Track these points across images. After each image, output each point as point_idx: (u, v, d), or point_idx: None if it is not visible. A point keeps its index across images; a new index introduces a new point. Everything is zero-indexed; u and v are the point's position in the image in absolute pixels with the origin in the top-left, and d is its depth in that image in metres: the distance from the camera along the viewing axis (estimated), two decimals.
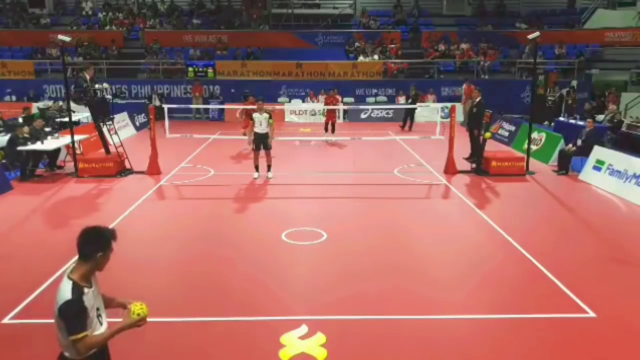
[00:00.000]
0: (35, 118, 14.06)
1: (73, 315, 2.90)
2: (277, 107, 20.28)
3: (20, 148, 11.30)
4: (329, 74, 23.43)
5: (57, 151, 12.12)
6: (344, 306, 5.73)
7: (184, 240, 7.86)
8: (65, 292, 2.91)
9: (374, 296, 5.99)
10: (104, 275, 2.93)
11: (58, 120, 15.94)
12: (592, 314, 5.52)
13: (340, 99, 19.81)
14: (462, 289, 6.20)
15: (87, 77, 12.13)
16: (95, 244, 3.03)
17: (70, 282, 2.95)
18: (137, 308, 3.11)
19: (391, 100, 22.81)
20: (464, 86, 21.12)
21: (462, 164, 12.57)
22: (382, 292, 6.08)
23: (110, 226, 8.26)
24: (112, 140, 12.26)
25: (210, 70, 23.50)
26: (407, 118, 19.48)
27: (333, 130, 16.95)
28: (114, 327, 3.11)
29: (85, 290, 2.98)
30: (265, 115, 11.26)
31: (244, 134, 14.67)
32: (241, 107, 16.18)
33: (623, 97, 19.91)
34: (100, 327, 3.09)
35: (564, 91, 19.50)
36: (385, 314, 5.57)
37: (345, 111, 21.36)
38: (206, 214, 9.19)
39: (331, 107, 16.94)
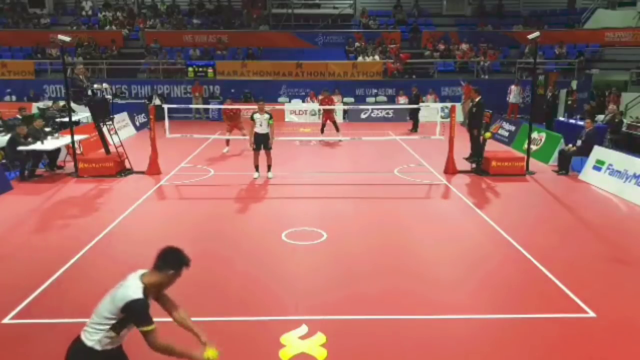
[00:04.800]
0: (35, 118, 14.06)
1: (144, 310, 3.19)
2: (277, 107, 20.29)
3: (20, 148, 11.30)
4: (329, 74, 23.42)
5: (57, 151, 12.13)
6: (344, 306, 5.73)
7: (184, 240, 7.82)
8: (136, 291, 3.19)
9: (374, 296, 5.99)
10: (104, 276, 2.93)
11: (58, 120, 15.94)
12: (592, 314, 5.52)
13: (335, 99, 19.74)
14: (462, 288, 6.21)
15: (81, 75, 12.12)
16: (172, 262, 3.36)
17: (142, 285, 3.24)
18: (210, 353, 3.36)
19: (391, 100, 22.81)
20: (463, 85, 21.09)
21: (462, 164, 12.58)
22: (382, 292, 6.08)
23: (111, 226, 8.22)
24: (112, 140, 12.27)
25: (210, 70, 23.51)
26: (413, 119, 19.42)
27: (337, 130, 16.97)
28: (188, 350, 3.37)
29: (149, 301, 3.26)
30: (266, 115, 11.25)
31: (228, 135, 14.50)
32: (243, 107, 16.21)
33: (623, 97, 19.90)
34: None
35: (562, 91, 19.51)
36: (385, 313, 5.57)
37: (345, 111, 21.36)
38: (206, 214, 9.18)
39: (325, 107, 16.96)
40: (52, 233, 8.28)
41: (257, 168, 11.55)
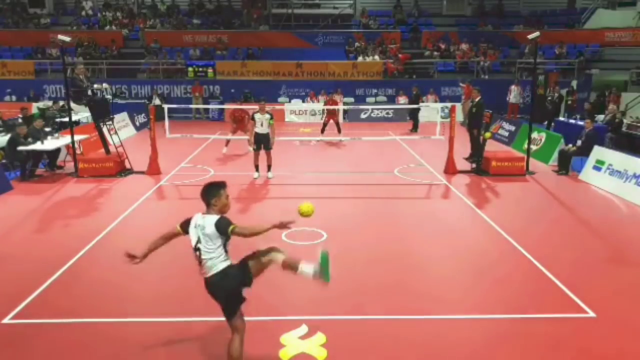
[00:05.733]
0: (35, 118, 14.06)
1: (227, 219, 4.23)
2: (277, 107, 20.29)
3: (20, 148, 11.30)
4: (329, 74, 23.44)
5: (57, 151, 12.12)
6: (344, 306, 5.72)
7: (184, 240, 7.84)
8: (214, 216, 4.24)
9: (374, 295, 5.99)
10: (104, 276, 2.90)
11: (58, 120, 15.95)
12: (592, 314, 5.52)
13: (339, 101, 19.78)
14: (461, 288, 6.21)
15: (81, 75, 12.12)
16: (214, 190, 4.39)
17: (217, 215, 4.25)
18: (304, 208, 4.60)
19: (391, 100, 22.82)
20: (464, 86, 21.06)
21: (462, 164, 12.58)
22: (382, 291, 6.08)
23: (110, 227, 8.21)
24: (112, 140, 12.27)
25: (210, 70, 23.51)
26: (413, 119, 19.39)
27: (339, 131, 16.99)
28: (266, 224, 4.32)
29: None
30: (267, 115, 11.25)
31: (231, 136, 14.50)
32: (243, 107, 16.19)
33: (623, 97, 19.89)
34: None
35: (563, 91, 19.51)
36: (385, 313, 5.57)
37: (345, 111, 21.37)
38: None
39: (328, 107, 16.98)
40: (52, 233, 8.28)
41: (257, 168, 11.55)
